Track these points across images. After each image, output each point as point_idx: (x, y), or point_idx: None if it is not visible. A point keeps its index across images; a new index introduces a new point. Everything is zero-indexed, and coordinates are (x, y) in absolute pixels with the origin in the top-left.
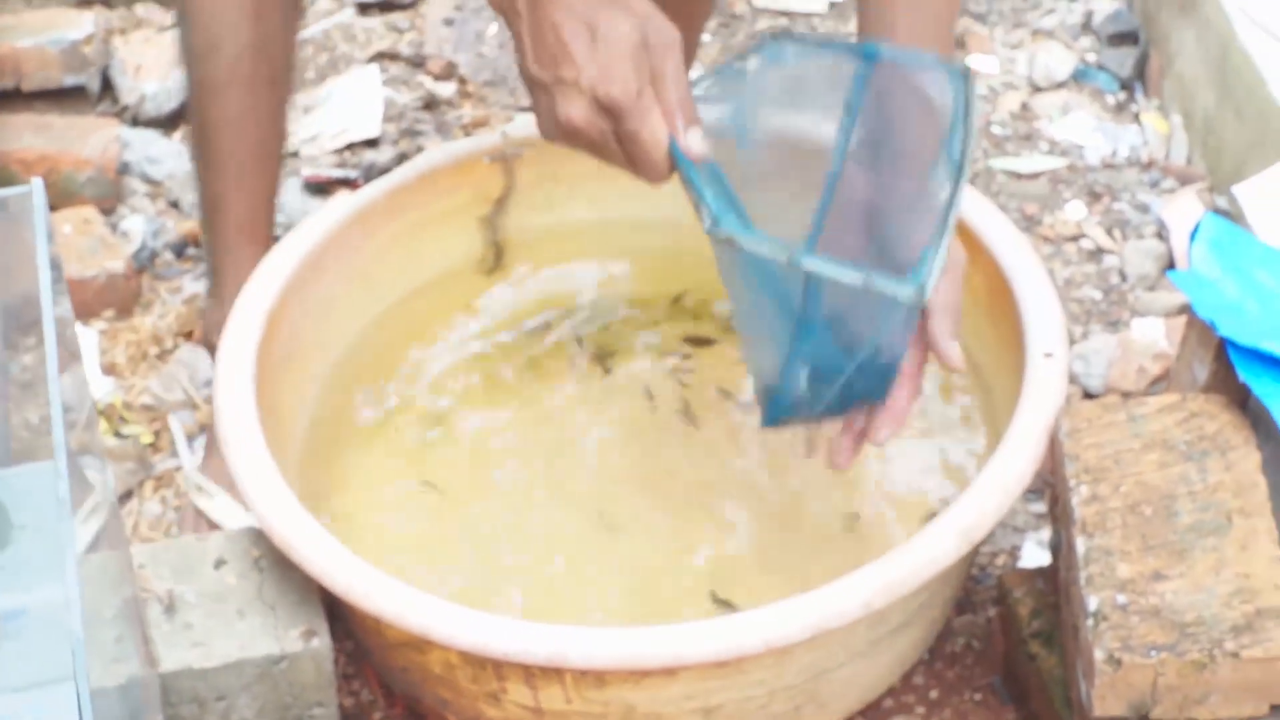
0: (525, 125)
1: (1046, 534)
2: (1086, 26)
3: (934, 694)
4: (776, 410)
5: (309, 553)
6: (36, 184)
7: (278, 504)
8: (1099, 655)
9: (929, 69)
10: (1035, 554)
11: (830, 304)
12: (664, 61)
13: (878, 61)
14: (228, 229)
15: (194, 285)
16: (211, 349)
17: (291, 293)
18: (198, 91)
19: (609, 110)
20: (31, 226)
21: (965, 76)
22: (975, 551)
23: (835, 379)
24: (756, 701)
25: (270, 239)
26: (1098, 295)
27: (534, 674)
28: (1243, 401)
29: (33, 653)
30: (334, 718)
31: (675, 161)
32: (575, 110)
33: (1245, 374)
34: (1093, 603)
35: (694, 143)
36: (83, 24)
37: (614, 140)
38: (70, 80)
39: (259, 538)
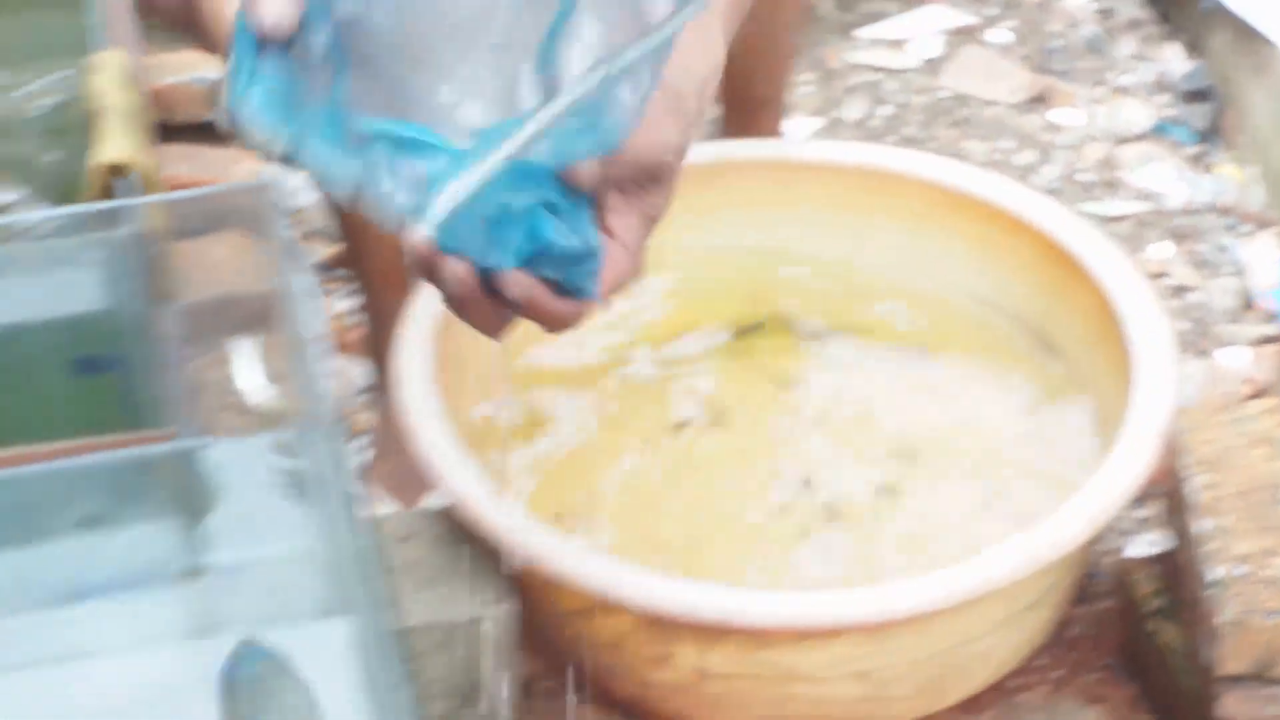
0: None
1: (1151, 537)
2: (1162, 84)
3: (1056, 674)
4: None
5: (499, 521)
6: (266, 176)
7: (466, 478)
8: (1224, 619)
9: None
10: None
11: None
12: None
13: None
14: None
15: (340, 303)
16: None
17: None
18: (344, 225)
19: None
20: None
21: None
22: (1094, 542)
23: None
24: (903, 669)
25: None
26: (1186, 326)
27: (703, 635)
28: None
29: (261, 599)
30: (510, 682)
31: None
32: None
33: None
34: (1216, 573)
35: (266, 8)
36: (219, 64)
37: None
38: (211, 116)
39: (437, 517)
